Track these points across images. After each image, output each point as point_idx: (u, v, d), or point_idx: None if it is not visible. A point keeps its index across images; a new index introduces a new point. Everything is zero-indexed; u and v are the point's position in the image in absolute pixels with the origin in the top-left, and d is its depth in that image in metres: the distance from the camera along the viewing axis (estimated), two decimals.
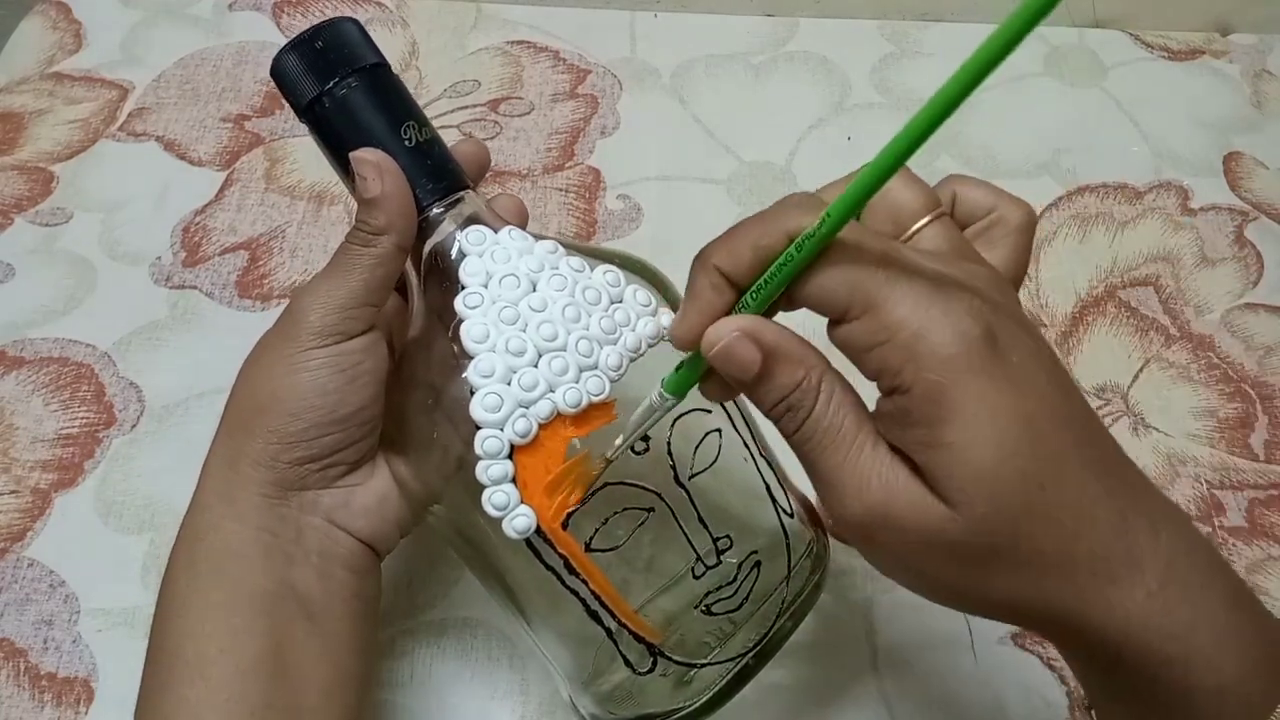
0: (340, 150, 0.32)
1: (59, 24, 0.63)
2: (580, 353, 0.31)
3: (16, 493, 0.46)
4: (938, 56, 0.65)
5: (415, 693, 0.41)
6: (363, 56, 0.33)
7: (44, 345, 0.50)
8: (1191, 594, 0.24)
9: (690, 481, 0.33)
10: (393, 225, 0.32)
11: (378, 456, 0.34)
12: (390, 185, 0.32)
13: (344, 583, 0.33)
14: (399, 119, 0.33)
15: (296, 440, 0.32)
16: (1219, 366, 0.53)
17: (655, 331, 0.32)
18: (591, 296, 0.32)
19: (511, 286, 0.31)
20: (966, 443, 0.23)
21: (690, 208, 0.57)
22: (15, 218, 0.54)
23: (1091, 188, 0.59)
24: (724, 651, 0.34)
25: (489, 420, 0.30)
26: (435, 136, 0.34)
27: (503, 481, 0.30)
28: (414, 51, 0.63)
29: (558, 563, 0.31)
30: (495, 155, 0.58)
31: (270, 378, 0.32)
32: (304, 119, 0.33)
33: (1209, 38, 0.67)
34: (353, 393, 0.32)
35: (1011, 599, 0.25)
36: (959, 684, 0.42)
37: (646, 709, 0.34)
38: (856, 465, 0.25)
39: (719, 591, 0.33)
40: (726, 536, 0.34)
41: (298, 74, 0.32)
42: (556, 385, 0.30)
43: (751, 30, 0.66)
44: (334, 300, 0.32)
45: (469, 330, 0.30)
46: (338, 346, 0.32)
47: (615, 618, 0.32)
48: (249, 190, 0.56)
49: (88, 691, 0.41)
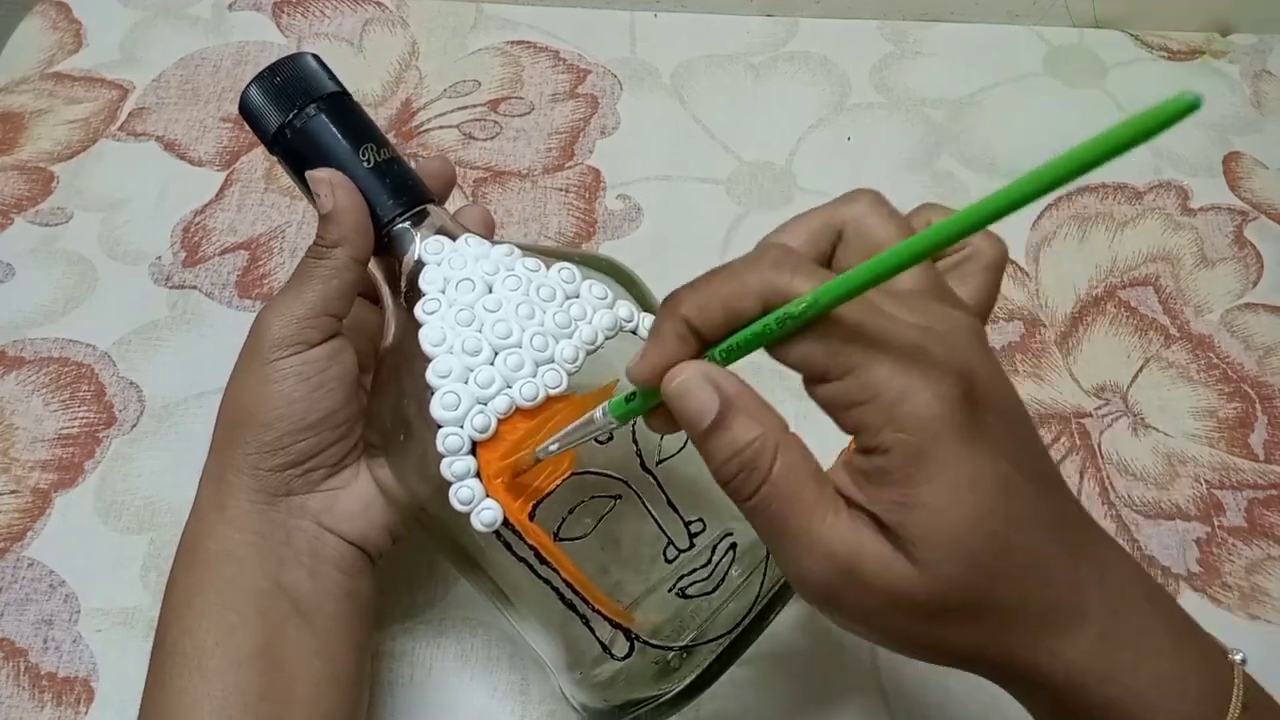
0: (304, 175, 0.35)
1: (59, 24, 0.63)
2: (535, 348, 0.32)
3: (16, 493, 0.46)
4: (938, 56, 0.65)
5: (415, 693, 0.41)
6: (321, 87, 0.35)
7: (44, 345, 0.50)
8: (1132, 639, 0.25)
9: (659, 467, 0.34)
10: (345, 238, 0.34)
11: (360, 461, 0.36)
12: (342, 200, 0.34)
13: (335, 582, 0.35)
14: (358, 141, 0.35)
15: (273, 448, 0.33)
16: (1219, 366, 0.53)
17: (612, 323, 0.34)
18: (546, 294, 0.33)
19: (467, 290, 0.33)
20: (943, 506, 0.23)
21: (690, 208, 0.57)
22: (15, 218, 0.54)
23: (1091, 188, 0.59)
24: (704, 634, 0.34)
25: (448, 418, 0.31)
26: (395, 156, 0.36)
27: (466, 477, 0.31)
28: (414, 51, 0.63)
29: (528, 553, 0.32)
30: (495, 155, 0.58)
31: (243, 393, 0.34)
32: (273, 151, 0.36)
33: (1209, 38, 0.67)
34: (320, 398, 0.34)
35: (968, 650, 0.26)
36: (959, 683, 0.42)
37: (633, 694, 0.34)
38: (821, 528, 0.25)
39: (693, 574, 0.34)
40: (699, 520, 0.34)
41: (261, 108, 0.35)
42: (513, 381, 0.32)
43: (751, 30, 0.66)
44: (293, 312, 0.33)
45: (426, 334, 0.32)
46: (300, 356, 0.33)
47: (589, 605, 0.32)
48: (249, 190, 0.56)
49: (88, 691, 0.41)
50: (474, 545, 0.33)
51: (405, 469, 0.34)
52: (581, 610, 0.32)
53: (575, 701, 0.36)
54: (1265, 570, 0.46)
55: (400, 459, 0.34)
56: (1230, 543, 0.47)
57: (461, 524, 0.32)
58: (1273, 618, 0.45)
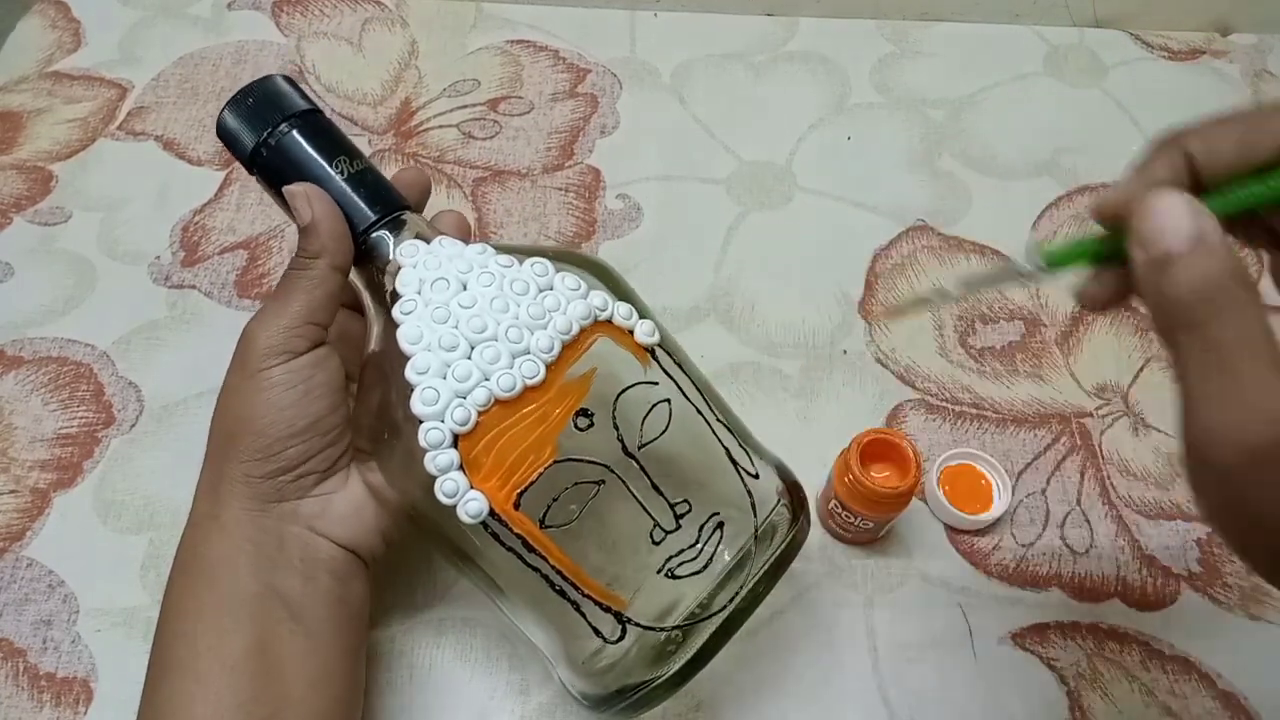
0: (281, 191, 0.36)
1: (58, 23, 0.63)
2: (511, 340, 0.33)
3: (16, 492, 0.46)
4: (938, 56, 0.65)
5: (415, 693, 0.41)
6: (292, 105, 0.36)
7: (43, 345, 0.50)
8: None
9: (641, 451, 0.34)
10: (325, 248, 0.35)
11: (351, 466, 0.37)
12: (319, 211, 0.35)
13: (328, 586, 0.35)
14: (331, 155, 0.36)
15: (264, 456, 0.34)
16: None
17: (586, 312, 0.34)
18: (519, 287, 0.34)
19: (442, 289, 0.34)
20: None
21: (690, 207, 0.57)
22: (14, 217, 0.54)
23: (1091, 188, 0.59)
24: (696, 614, 0.35)
25: (428, 413, 0.32)
26: (368, 167, 0.37)
27: (450, 470, 0.32)
28: (414, 51, 0.63)
29: (516, 543, 0.32)
30: (495, 155, 0.58)
31: (234, 403, 0.35)
32: (252, 171, 0.37)
33: (1209, 38, 0.67)
34: (308, 405, 0.34)
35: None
36: (959, 683, 0.42)
37: (630, 679, 0.34)
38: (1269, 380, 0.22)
39: (680, 555, 0.35)
40: (685, 501, 0.35)
41: (236, 130, 0.36)
42: (491, 373, 0.32)
43: (751, 30, 0.66)
44: (278, 323, 0.34)
45: (403, 333, 0.33)
46: (287, 364, 0.34)
47: (579, 590, 0.33)
48: (248, 190, 0.56)
49: (87, 691, 0.41)
50: (465, 539, 0.34)
51: (393, 469, 0.34)
52: (572, 596, 0.33)
53: (574, 690, 0.36)
54: None
55: (388, 459, 0.34)
56: None
57: (451, 519, 0.32)
58: (1273, 618, 0.45)
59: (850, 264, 0.55)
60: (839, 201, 0.58)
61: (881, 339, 0.52)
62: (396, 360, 0.33)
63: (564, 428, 0.33)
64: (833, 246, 0.56)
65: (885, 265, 0.55)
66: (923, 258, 0.55)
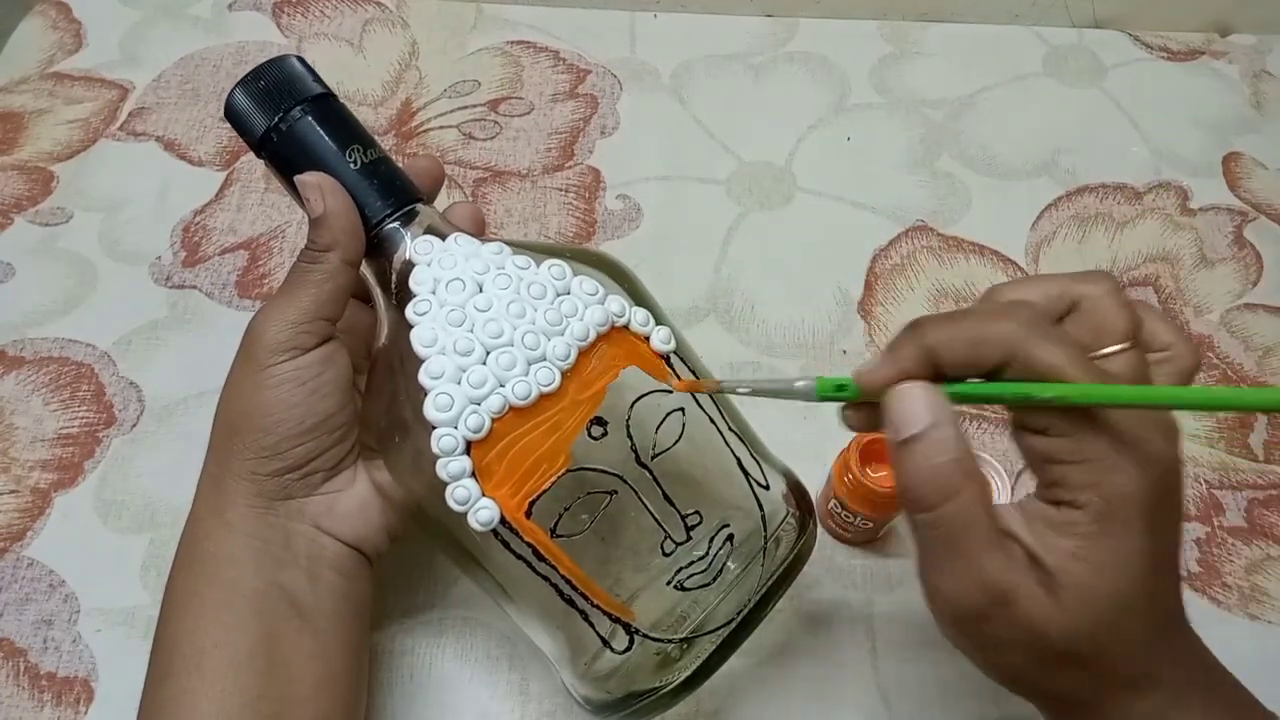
0: (292, 178, 0.34)
1: (59, 24, 0.63)
2: (527, 346, 0.32)
3: (16, 492, 0.46)
4: (937, 57, 0.65)
5: (415, 693, 0.41)
6: (306, 89, 0.35)
7: (44, 345, 0.50)
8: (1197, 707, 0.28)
9: (654, 461, 0.34)
10: (337, 241, 0.34)
11: (358, 463, 0.36)
12: (333, 203, 0.33)
13: (333, 584, 0.35)
14: (345, 143, 0.35)
15: (271, 454, 0.33)
16: (1218, 366, 0.53)
17: (603, 318, 0.33)
18: (536, 291, 0.33)
19: (457, 290, 0.33)
20: (1107, 566, 0.26)
21: (690, 208, 0.57)
22: (15, 217, 0.54)
23: (1091, 188, 0.59)
24: (703, 626, 0.34)
25: (442, 419, 0.31)
26: (382, 156, 0.35)
27: (462, 477, 0.31)
28: (414, 51, 0.63)
29: (526, 551, 0.32)
30: (495, 155, 0.58)
31: (239, 399, 0.34)
32: (260, 154, 0.35)
33: (1209, 38, 0.67)
34: (317, 402, 0.34)
35: (1060, 692, 0.28)
36: (959, 683, 0.42)
37: (634, 686, 0.34)
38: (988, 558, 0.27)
39: (690, 567, 0.34)
40: (696, 513, 0.34)
41: (247, 112, 0.34)
42: (506, 380, 0.32)
43: (751, 30, 0.66)
44: (287, 317, 0.33)
45: (418, 335, 0.32)
46: (295, 361, 0.33)
47: (588, 599, 0.33)
48: (249, 190, 0.56)
49: (87, 691, 0.41)
50: (472, 543, 0.33)
51: (402, 470, 0.34)
52: (581, 605, 0.33)
53: (578, 694, 0.36)
54: (1265, 570, 0.46)
55: (396, 460, 0.34)
56: (1230, 543, 0.47)
57: (459, 523, 0.32)
58: (1273, 618, 0.45)
59: (850, 264, 0.55)
60: (839, 202, 0.58)
61: (881, 339, 0.52)
62: (408, 360, 0.32)
63: (578, 436, 0.32)
64: (832, 247, 0.56)
65: (885, 265, 0.55)
66: (922, 258, 0.56)
